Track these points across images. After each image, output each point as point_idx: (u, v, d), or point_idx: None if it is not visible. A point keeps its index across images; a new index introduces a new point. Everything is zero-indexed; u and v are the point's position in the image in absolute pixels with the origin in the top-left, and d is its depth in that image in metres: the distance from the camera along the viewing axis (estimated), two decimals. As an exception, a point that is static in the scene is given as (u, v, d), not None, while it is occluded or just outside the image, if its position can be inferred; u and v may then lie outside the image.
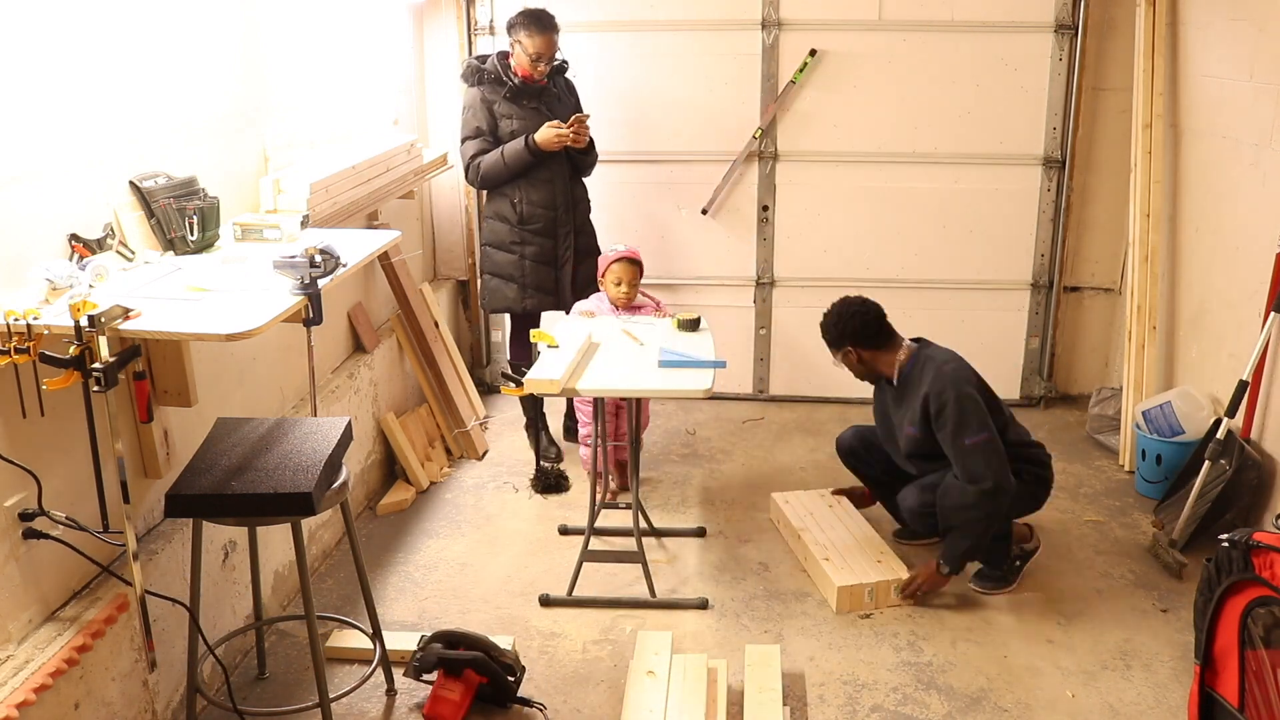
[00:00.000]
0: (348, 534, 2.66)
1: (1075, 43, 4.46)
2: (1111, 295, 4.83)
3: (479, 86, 4.01)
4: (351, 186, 3.39)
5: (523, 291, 4.11)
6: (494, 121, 4.01)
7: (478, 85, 4.02)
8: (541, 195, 4.04)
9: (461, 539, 3.70)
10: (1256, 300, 3.58)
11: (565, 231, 4.10)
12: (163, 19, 2.66)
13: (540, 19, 3.87)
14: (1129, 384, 4.28)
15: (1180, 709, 2.77)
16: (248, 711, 2.71)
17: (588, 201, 4.24)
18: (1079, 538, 3.69)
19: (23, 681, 2.04)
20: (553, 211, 4.06)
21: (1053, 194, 4.67)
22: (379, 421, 3.98)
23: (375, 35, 4.16)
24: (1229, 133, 3.81)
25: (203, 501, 2.25)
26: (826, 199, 4.76)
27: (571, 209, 4.10)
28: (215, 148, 2.93)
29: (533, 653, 3.02)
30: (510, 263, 4.11)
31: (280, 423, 2.55)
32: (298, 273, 2.36)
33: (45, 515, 2.18)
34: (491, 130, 4.01)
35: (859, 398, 4.92)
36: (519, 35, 3.89)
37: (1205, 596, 2.27)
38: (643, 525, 3.48)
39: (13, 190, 2.16)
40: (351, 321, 3.94)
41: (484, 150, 4.00)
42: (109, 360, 2.04)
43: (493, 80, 3.98)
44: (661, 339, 3.42)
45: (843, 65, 4.59)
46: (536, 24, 3.85)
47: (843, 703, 2.81)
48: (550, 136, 3.88)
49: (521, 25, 3.88)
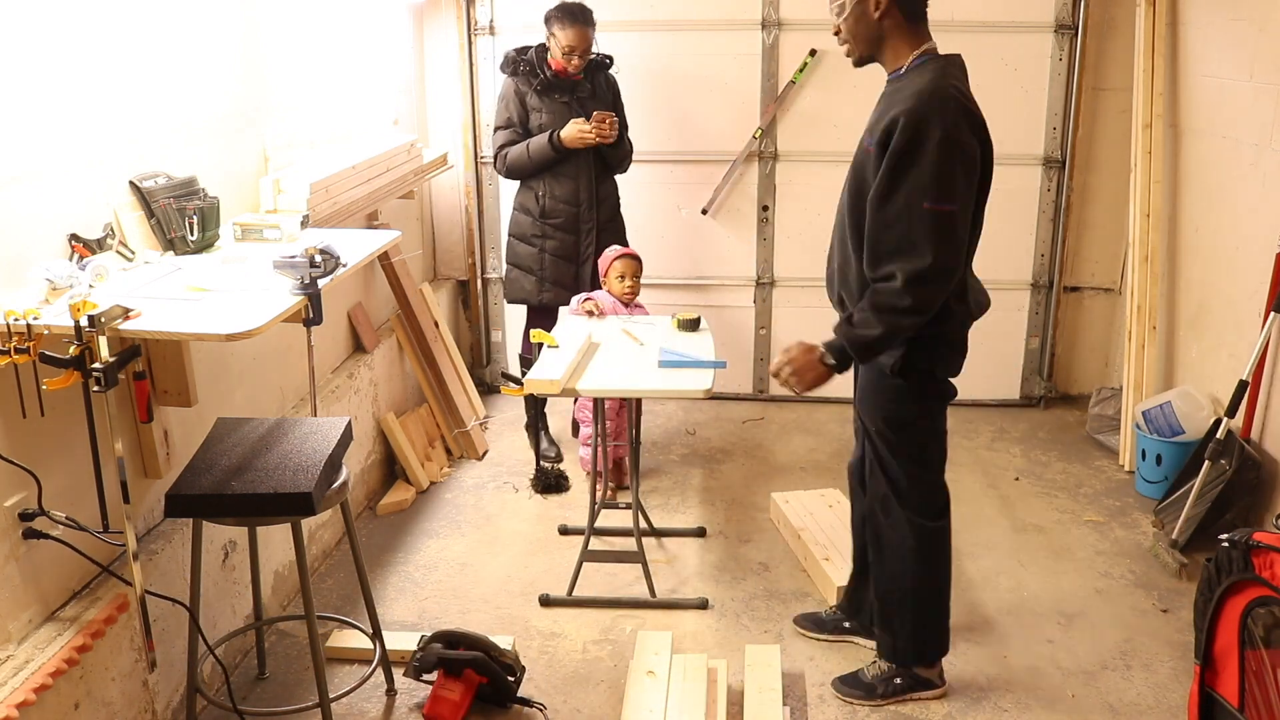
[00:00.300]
0: (348, 534, 2.66)
1: (1075, 43, 4.46)
2: (1111, 295, 4.83)
3: (514, 77, 4.04)
4: (351, 186, 3.39)
5: (541, 285, 4.13)
6: (525, 113, 4.02)
7: (513, 76, 4.04)
8: (565, 190, 4.04)
9: (461, 539, 3.70)
10: (1256, 300, 3.58)
11: (588, 228, 4.10)
12: (163, 19, 2.66)
13: (573, 12, 3.87)
14: (1129, 384, 4.28)
15: (1180, 709, 2.77)
16: (248, 711, 2.71)
17: (616, 199, 4.23)
18: (1079, 538, 3.69)
19: (23, 681, 2.04)
20: (575, 207, 4.06)
21: (1053, 194, 4.67)
22: (379, 421, 3.98)
23: (375, 35, 4.16)
24: (1229, 133, 3.81)
25: (203, 501, 2.25)
26: (826, 199, 4.73)
27: (595, 206, 4.09)
28: (215, 148, 2.93)
29: (533, 653, 3.02)
30: (531, 255, 4.12)
31: (280, 423, 2.55)
32: (298, 273, 2.36)
33: (45, 515, 2.18)
34: (522, 122, 4.03)
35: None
36: (553, 28, 3.90)
37: (1205, 596, 2.27)
38: (643, 525, 3.48)
39: (13, 190, 2.16)
40: (351, 321, 3.94)
41: (512, 141, 4.03)
42: (109, 360, 2.04)
43: (527, 72, 4.00)
44: (661, 339, 3.42)
45: (843, 65, 4.53)
46: (569, 17, 3.86)
47: (843, 703, 2.81)
48: (574, 133, 3.90)
49: (555, 18, 3.88)
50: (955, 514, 3.86)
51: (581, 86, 4.03)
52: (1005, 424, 4.73)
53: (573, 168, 4.02)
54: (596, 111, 3.92)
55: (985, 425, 4.71)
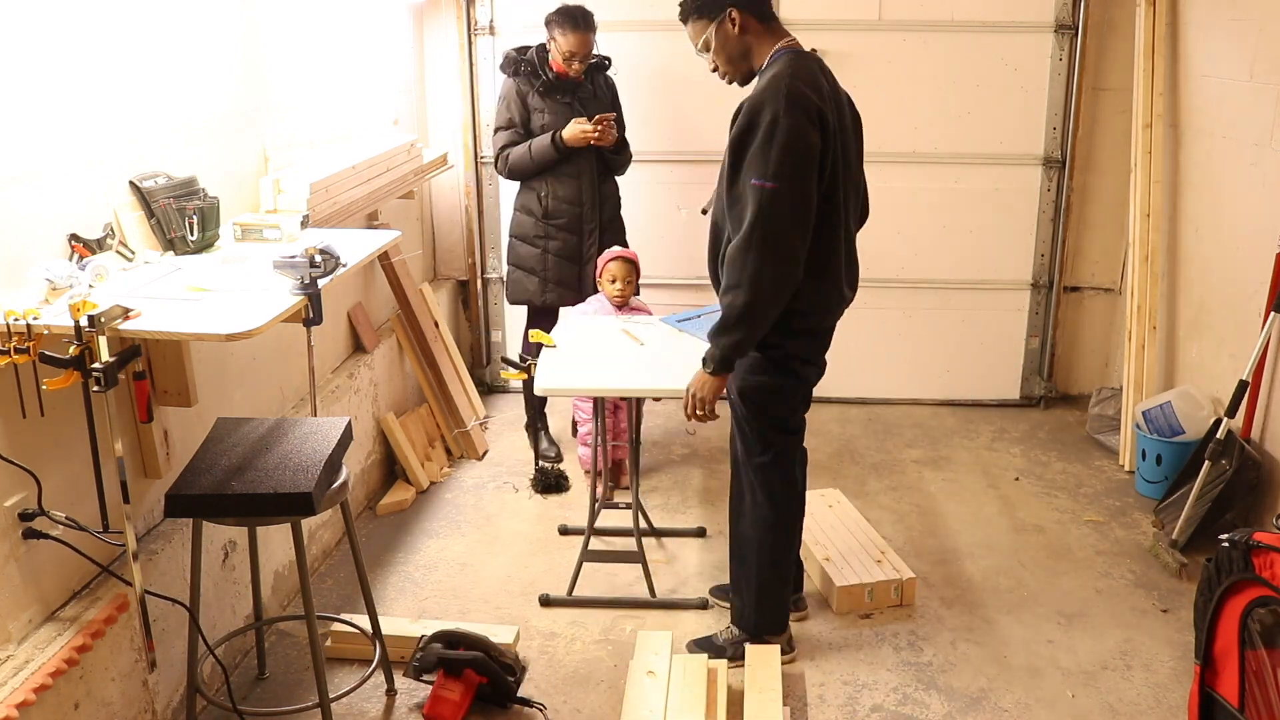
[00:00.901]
0: (348, 534, 2.66)
1: (1075, 43, 4.46)
2: (1111, 295, 4.83)
3: (515, 78, 4.03)
4: (351, 186, 3.39)
5: (544, 285, 4.13)
6: (526, 114, 4.02)
7: (514, 76, 4.04)
8: (568, 191, 4.04)
9: (461, 539, 3.70)
10: (1256, 300, 3.58)
11: (590, 228, 4.10)
12: (163, 19, 2.66)
13: (574, 17, 3.87)
14: (1129, 384, 4.28)
15: (1180, 709, 2.77)
16: (248, 711, 2.71)
17: (617, 199, 4.24)
18: (1079, 538, 3.69)
19: (23, 681, 2.04)
20: (578, 208, 4.06)
21: (1053, 194, 4.67)
22: (379, 421, 3.98)
23: (375, 35, 4.16)
24: (1229, 133, 3.81)
25: (203, 501, 2.25)
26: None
27: (598, 206, 4.10)
28: (215, 148, 2.93)
29: (533, 653, 3.03)
30: (534, 256, 4.11)
31: (280, 423, 2.55)
32: (298, 273, 2.36)
33: (45, 515, 2.18)
34: (523, 122, 4.03)
35: (858, 398, 4.93)
36: (554, 32, 3.89)
37: (1205, 596, 2.27)
38: (643, 525, 3.48)
39: (13, 190, 2.16)
40: (351, 321, 3.94)
41: (514, 142, 4.02)
42: (109, 360, 2.04)
43: (528, 73, 4.00)
44: (662, 338, 3.41)
45: (843, 65, 4.57)
46: (570, 22, 3.86)
47: (843, 703, 2.81)
48: (576, 133, 3.90)
49: (556, 22, 3.88)
50: (955, 514, 3.88)
51: (583, 88, 4.04)
52: (1005, 424, 4.73)
53: (575, 168, 4.02)
54: (599, 115, 3.93)
55: (985, 425, 4.71)
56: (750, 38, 2.59)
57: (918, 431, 4.65)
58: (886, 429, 4.69)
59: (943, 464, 4.31)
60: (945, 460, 4.35)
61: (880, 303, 4.79)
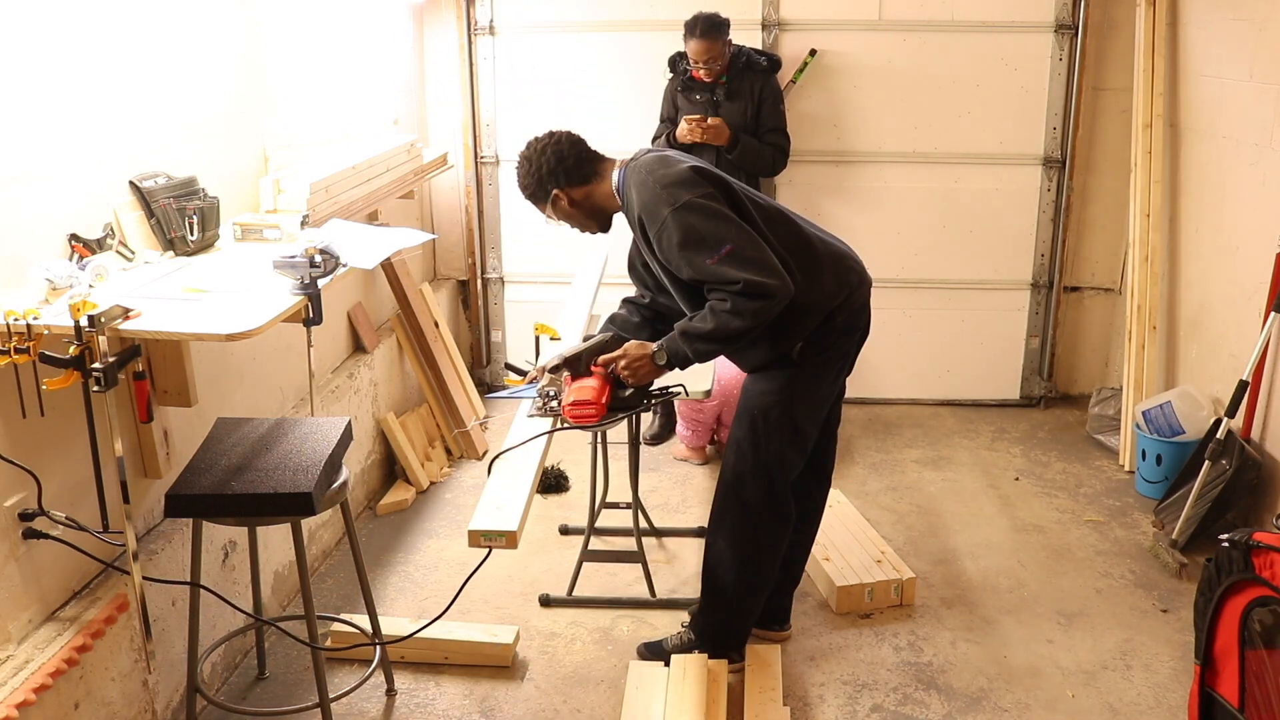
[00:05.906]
0: (348, 534, 2.66)
1: (1075, 43, 4.46)
2: (1111, 295, 4.84)
3: (672, 76, 4.30)
4: (351, 186, 3.39)
5: None
6: (674, 110, 4.27)
7: (671, 74, 4.31)
8: None
9: (461, 539, 3.66)
10: (1256, 300, 3.58)
11: None
12: (163, 19, 2.66)
13: (696, 25, 4.03)
14: (1129, 384, 4.28)
15: (1180, 709, 2.77)
16: (248, 711, 2.71)
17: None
18: (1079, 538, 3.69)
19: (23, 681, 2.04)
20: None
21: (1053, 194, 4.67)
22: (379, 421, 3.98)
23: (375, 35, 4.16)
24: (1229, 133, 3.81)
25: (203, 501, 2.25)
26: (827, 199, 4.76)
27: None
28: (215, 148, 2.93)
29: (533, 653, 3.03)
30: None
31: (280, 423, 2.55)
32: (297, 273, 2.36)
33: (45, 515, 2.18)
34: (670, 118, 4.29)
35: (858, 398, 4.93)
36: (685, 37, 4.08)
37: (1205, 596, 2.27)
38: (643, 525, 3.48)
39: (13, 190, 2.16)
40: (351, 321, 3.94)
41: (661, 134, 4.28)
42: (109, 360, 2.04)
43: (681, 72, 4.25)
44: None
45: (843, 65, 4.59)
46: (691, 30, 4.05)
47: (843, 703, 2.81)
48: (681, 131, 4.08)
49: (686, 29, 4.07)
50: (955, 514, 3.88)
51: (722, 87, 4.16)
52: (1005, 424, 4.73)
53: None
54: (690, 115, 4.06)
55: (985, 425, 4.71)
56: (582, 196, 2.61)
57: (917, 431, 4.65)
58: (886, 429, 4.69)
59: (943, 464, 4.31)
60: (945, 460, 4.35)
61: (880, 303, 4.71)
